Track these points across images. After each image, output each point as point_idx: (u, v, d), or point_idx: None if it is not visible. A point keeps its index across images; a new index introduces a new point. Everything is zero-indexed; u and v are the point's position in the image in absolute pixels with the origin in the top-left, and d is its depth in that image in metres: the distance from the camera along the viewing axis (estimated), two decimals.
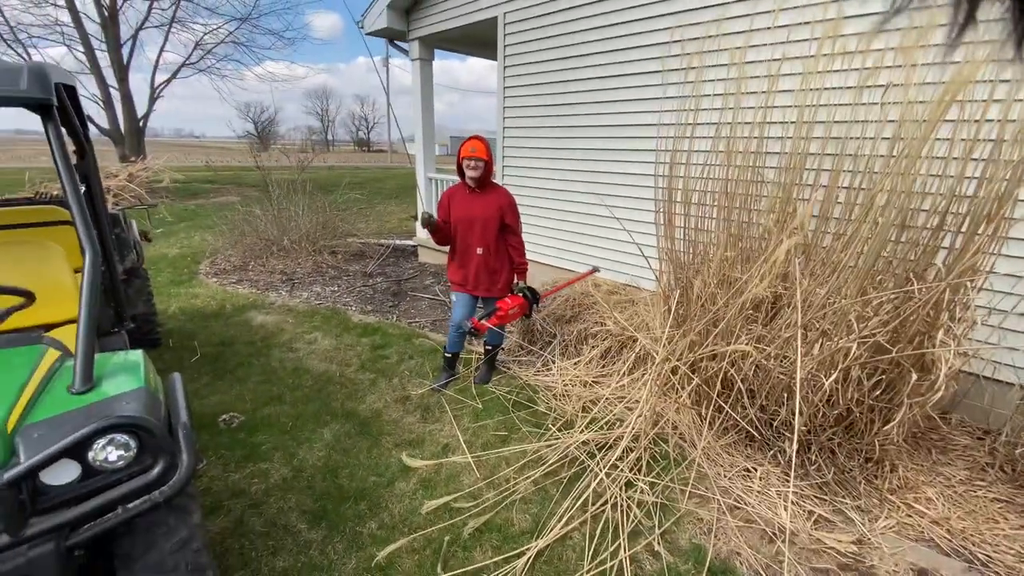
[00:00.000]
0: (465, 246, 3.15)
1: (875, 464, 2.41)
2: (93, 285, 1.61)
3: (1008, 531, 2.18)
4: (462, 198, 3.13)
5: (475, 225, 3.10)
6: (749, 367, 2.37)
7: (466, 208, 3.10)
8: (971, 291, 2.13)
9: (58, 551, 1.25)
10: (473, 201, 3.11)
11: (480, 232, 3.11)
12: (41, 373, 1.54)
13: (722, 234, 2.63)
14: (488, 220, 3.10)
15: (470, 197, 3.12)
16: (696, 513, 2.22)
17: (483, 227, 3.10)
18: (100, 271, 1.67)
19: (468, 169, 3.03)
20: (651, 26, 4.04)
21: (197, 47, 15.65)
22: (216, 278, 6.13)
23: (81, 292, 1.59)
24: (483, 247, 3.13)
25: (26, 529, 1.20)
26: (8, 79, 1.67)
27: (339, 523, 2.18)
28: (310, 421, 2.97)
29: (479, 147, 3.00)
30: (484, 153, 3.01)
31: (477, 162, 3.01)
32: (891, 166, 1.98)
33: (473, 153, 2.99)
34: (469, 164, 3.02)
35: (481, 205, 3.11)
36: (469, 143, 3.04)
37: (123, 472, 1.38)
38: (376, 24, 6.71)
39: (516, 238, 3.24)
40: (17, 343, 1.71)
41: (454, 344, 3.34)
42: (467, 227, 3.10)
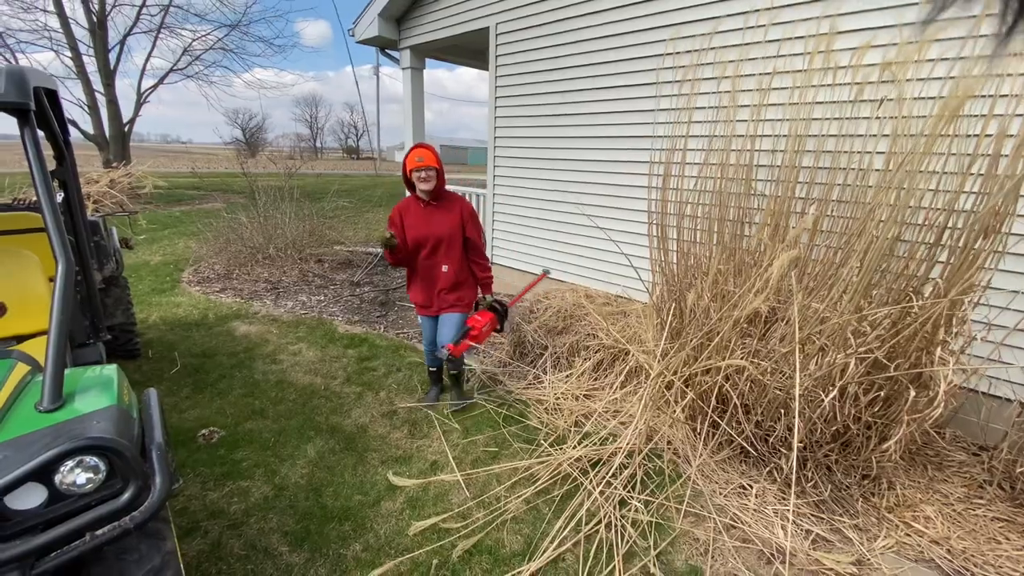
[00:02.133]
0: (429, 265, 2.86)
1: (872, 481, 2.38)
2: (65, 297, 1.52)
3: (1011, 552, 2.14)
4: (417, 214, 2.80)
5: (439, 243, 2.81)
6: (744, 382, 2.33)
7: (424, 225, 2.79)
8: (969, 307, 2.12)
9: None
10: (431, 216, 2.80)
11: (445, 249, 2.84)
12: (8, 389, 1.45)
13: (715, 247, 2.60)
14: (452, 236, 2.82)
15: (426, 212, 2.80)
16: (692, 533, 2.16)
17: (448, 244, 2.83)
18: (73, 282, 1.58)
19: (419, 182, 2.71)
20: (644, 38, 4.05)
21: (185, 53, 15.51)
22: (199, 286, 5.99)
23: (52, 304, 1.50)
24: (448, 264, 2.86)
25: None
26: None
27: (322, 545, 2.08)
28: (293, 436, 2.87)
29: (427, 155, 2.68)
30: (434, 161, 2.70)
31: (428, 172, 2.68)
32: (887, 180, 1.97)
33: (421, 163, 2.66)
34: (419, 176, 2.69)
35: (441, 220, 2.81)
36: (415, 152, 2.70)
37: (92, 496, 1.29)
38: (367, 33, 6.68)
39: (479, 252, 2.98)
40: None
41: (433, 360, 3.18)
42: (429, 245, 2.81)
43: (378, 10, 6.35)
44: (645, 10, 4.01)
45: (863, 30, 2.82)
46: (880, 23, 2.78)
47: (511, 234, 5.72)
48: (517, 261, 5.69)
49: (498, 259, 5.94)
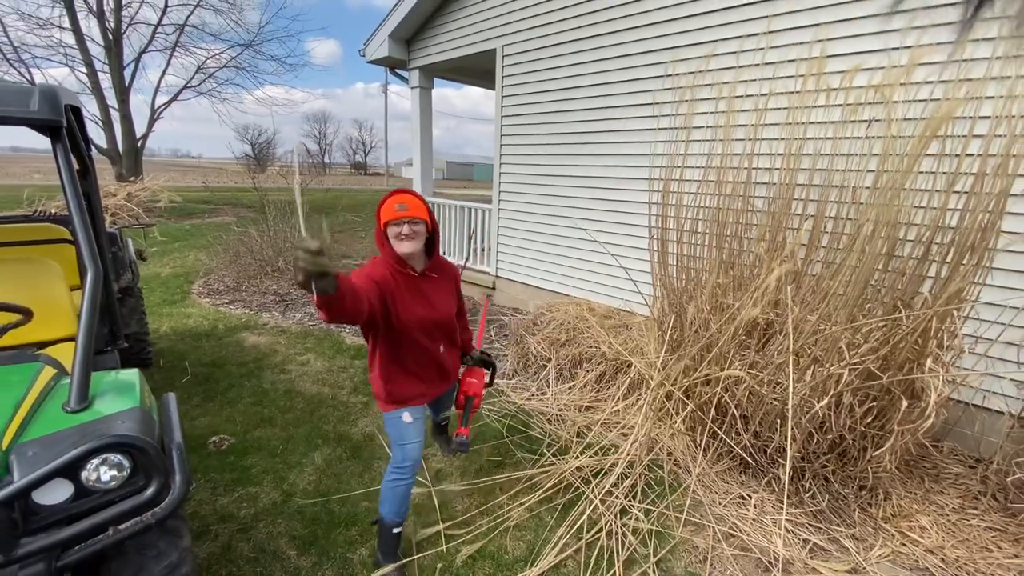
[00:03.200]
0: (423, 350, 1.93)
1: (869, 492, 2.41)
2: (93, 304, 1.62)
3: (1002, 560, 2.18)
4: (409, 290, 1.86)
5: (440, 328, 1.98)
6: (743, 393, 2.39)
7: (423, 305, 1.89)
8: (958, 320, 2.18)
9: (49, 572, 1.23)
10: (428, 292, 1.92)
11: (446, 330, 2.03)
12: (37, 391, 1.53)
13: (714, 261, 2.68)
14: (451, 314, 2.04)
15: (420, 286, 1.90)
16: (691, 541, 2.20)
17: (448, 322, 2.03)
18: (101, 289, 1.68)
19: (398, 241, 1.79)
20: (643, 60, 4.19)
21: (199, 71, 15.92)
22: (209, 298, 6.10)
23: (81, 310, 1.60)
24: (445, 343, 2.05)
25: (17, 549, 1.18)
26: (19, 100, 1.71)
27: (329, 549, 2.14)
28: (301, 444, 2.93)
29: (413, 202, 1.80)
30: (423, 210, 1.83)
31: (414, 226, 1.79)
32: (875, 197, 2.05)
33: (404, 212, 1.76)
34: (401, 232, 1.77)
35: (440, 296, 1.98)
36: (395, 198, 1.79)
37: (116, 493, 1.37)
38: (377, 53, 6.89)
39: (465, 318, 2.25)
40: (13, 360, 1.70)
41: (402, 503, 1.96)
42: (423, 333, 1.91)
43: (388, 31, 6.56)
44: (644, 34, 4.16)
45: (853, 54, 2.93)
46: (869, 47, 2.89)
47: (516, 248, 5.82)
48: (522, 275, 5.78)
49: (503, 273, 6.04)
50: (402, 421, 1.91)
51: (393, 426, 1.93)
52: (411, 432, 1.91)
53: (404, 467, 1.92)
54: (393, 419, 1.93)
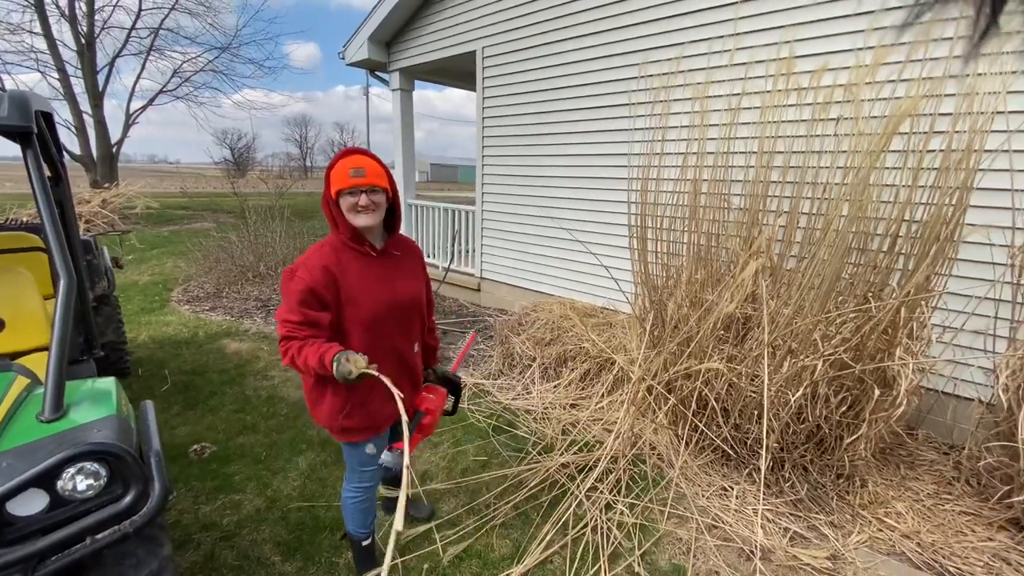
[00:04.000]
0: (391, 350, 1.64)
1: (846, 480, 2.47)
2: (66, 312, 1.59)
3: (976, 543, 2.24)
4: (368, 272, 1.57)
5: (409, 309, 1.69)
6: (722, 386, 2.43)
7: (386, 289, 1.60)
8: (927, 310, 2.25)
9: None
10: (391, 272, 1.63)
11: (419, 319, 1.76)
12: (9, 401, 1.50)
13: (692, 257, 2.73)
14: (419, 298, 1.74)
15: (381, 265, 1.61)
16: (675, 533, 2.24)
17: (418, 308, 1.74)
18: (75, 297, 1.65)
19: (354, 213, 1.51)
20: (619, 62, 4.25)
21: (175, 75, 15.65)
22: (189, 305, 6.00)
23: (54, 319, 1.57)
24: (417, 340, 1.77)
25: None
26: None
27: (315, 554, 2.12)
28: (285, 450, 2.91)
29: (370, 166, 1.50)
30: (383, 176, 1.54)
31: (373, 195, 1.51)
32: (843, 193, 2.11)
33: (361, 179, 1.47)
34: (357, 202, 1.49)
35: (405, 276, 1.69)
36: (348, 160, 1.50)
37: (92, 502, 1.35)
38: (357, 55, 6.86)
39: (433, 317, 1.95)
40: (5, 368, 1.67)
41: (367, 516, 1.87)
42: (392, 317, 1.62)
43: (368, 34, 6.54)
44: (618, 36, 4.23)
45: (821, 54, 3.01)
46: (836, 48, 2.97)
47: (500, 249, 5.84)
48: (507, 276, 5.80)
49: (488, 275, 6.04)
50: (364, 453, 1.71)
51: (353, 456, 1.74)
52: (373, 460, 1.72)
53: (362, 487, 1.80)
54: (354, 449, 1.71)
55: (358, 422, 1.63)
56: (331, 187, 1.51)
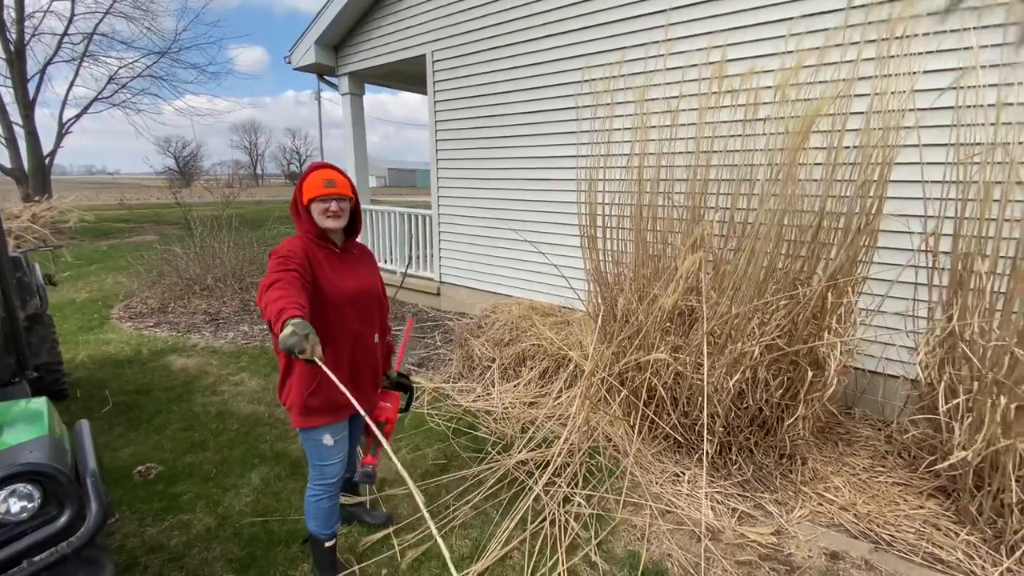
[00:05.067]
0: (356, 338, 1.80)
1: (789, 459, 2.61)
2: None
3: (908, 511, 2.41)
4: (333, 264, 1.77)
5: (369, 302, 1.86)
6: (669, 375, 2.53)
7: (352, 278, 1.80)
8: (853, 295, 2.41)
9: None
10: (353, 266, 1.85)
11: (379, 311, 1.92)
12: None
13: (638, 254, 2.82)
14: (377, 290, 1.91)
15: (344, 260, 1.82)
16: (631, 520, 2.30)
17: (380, 303, 1.92)
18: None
19: (325, 217, 1.71)
20: (564, 66, 4.37)
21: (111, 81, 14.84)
22: (131, 322, 5.71)
23: None
24: (380, 332, 1.92)
25: None
26: None
27: (269, 569, 2.07)
28: (236, 466, 2.81)
29: (339, 179, 1.74)
30: (348, 188, 1.76)
31: (341, 203, 1.73)
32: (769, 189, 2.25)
33: (332, 189, 1.70)
34: (328, 208, 1.71)
35: (365, 270, 1.90)
36: (321, 173, 1.72)
37: (27, 524, 1.29)
38: (304, 60, 6.72)
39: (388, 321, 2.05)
40: None
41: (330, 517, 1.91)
42: (353, 307, 1.78)
43: (315, 38, 6.42)
44: (564, 40, 4.35)
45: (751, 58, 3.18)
46: (765, 52, 3.14)
47: (458, 252, 5.84)
48: (466, 279, 5.80)
49: (447, 278, 6.03)
50: (322, 444, 1.78)
51: (312, 447, 1.81)
52: (332, 453, 1.81)
53: (324, 484, 1.85)
54: (312, 439, 1.78)
55: (320, 401, 1.73)
56: (304, 194, 1.73)
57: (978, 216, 2.17)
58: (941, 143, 2.46)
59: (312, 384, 1.69)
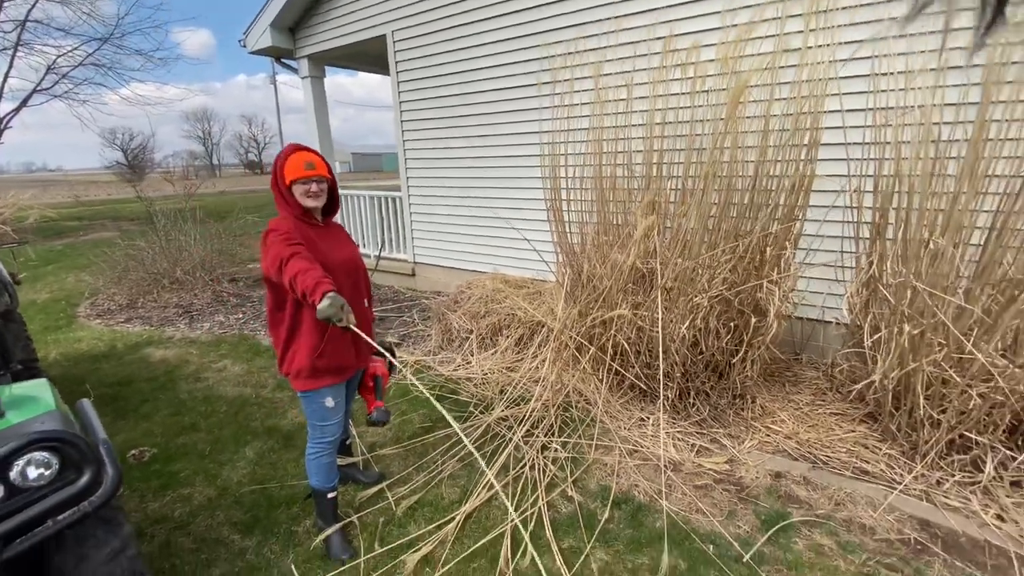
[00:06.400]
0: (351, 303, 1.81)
1: (740, 399, 2.91)
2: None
3: (842, 435, 2.74)
4: (319, 237, 1.93)
5: (357, 271, 2.06)
6: (632, 330, 2.77)
7: (337, 249, 1.98)
8: (790, 248, 2.69)
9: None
10: (336, 238, 2.04)
11: (364, 279, 2.11)
12: None
13: (601, 222, 3.03)
14: (360, 261, 2.10)
15: (327, 233, 2.00)
16: (601, 460, 2.56)
17: (364, 272, 2.12)
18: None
19: (306, 198, 1.87)
20: (523, 44, 4.48)
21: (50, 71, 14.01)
22: (100, 319, 5.65)
23: None
24: (367, 298, 2.13)
25: None
26: None
27: (273, 527, 2.24)
28: (230, 443, 2.94)
29: (318, 161, 1.90)
30: (326, 169, 1.92)
31: (320, 184, 1.89)
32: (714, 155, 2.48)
33: (312, 171, 1.86)
34: (307, 189, 1.86)
35: (347, 242, 2.09)
36: (299, 156, 1.88)
37: (47, 489, 1.41)
38: (260, 43, 6.59)
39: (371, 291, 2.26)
40: None
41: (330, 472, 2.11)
42: (345, 276, 1.96)
43: (269, 20, 6.30)
44: (521, 18, 4.45)
45: (697, 32, 3.39)
46: (711, 26, 3.35)
47: (430, 232, 5.95)
48: (439, 258, 5.93)
49: (421, 259, 6.15)
50: (324, 405, 1.96)
51: (314, 410, 1.99)
52: (332, 414, 2.00)
53: (324, 442, 2.03)
54: (314, 401, 1.96)
55: (327, 363, 1.92)
56: (285, 176, 1.87)
57: (893, 173, 2.46)
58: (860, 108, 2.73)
59: (319, 346, 1.88)
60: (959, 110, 2.29)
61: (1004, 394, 2.02)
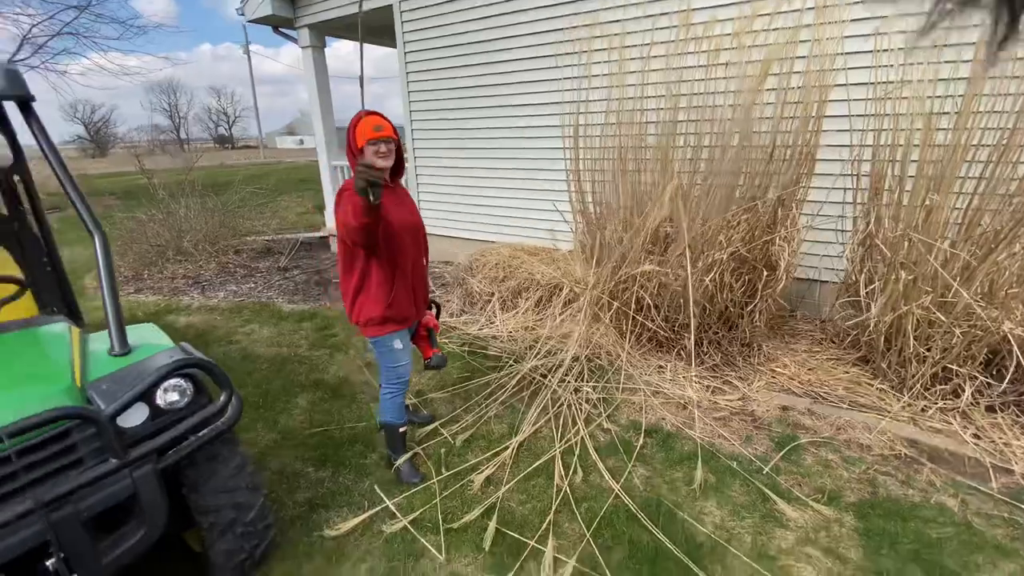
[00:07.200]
0: (412, 261, 2.18)
1: (748, 347, 3.24)
2: (109, 262, 1.77)
3: (838, 376, 3.08)
4: (390, 199, 2.05)
5: (418, 232, 2.23)
6: (654, 286, 3.04)
7: (403, 211, 2.15)
8: (796, 210, 2.98)
9: (154, 472, 1.48)
10: (400, 201, 2.19)
11: (424, 239, 2.30)
12: (76, 343, 1.69)
13: (624, 189, 3.27)
14: (421, 224, 2.30)
15: (393, 195, 2.13)
16: (629, 400, 2.86)
17: (424, 232, 2.31)
18: (110, 252, 1.81)
19: (378, 157, 2.01)
20: (546, 14, 4.58)
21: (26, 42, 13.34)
22: None
23: (99, 269, 1.75)
24: (424, 257, 2.31)
25: (129, 454, 1.43)
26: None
27: (343, 461, 2.48)
28: (280, 395, 3.15)
29: (385, 124, 2.03)
30: (392, 131, 2.06)
31: (388, 145, 2.03)
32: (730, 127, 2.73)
33: (381, 132, 2.00)
34: (377, 149, 2.01)
35: (411, 204, 2.29)
36: (370, 119, 2.02)
37: (184, 412, 1.62)
38: (259, 11, 6.52)
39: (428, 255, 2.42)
40: (45, 322, 1.81)
41: (401, 409, 2.36)
42: (409, 236, 2.15)
43: None
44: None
45: (713, 7, 3.59)
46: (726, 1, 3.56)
47: (439, 203, 6.10)
48: (447, 228, 6.10)
49: (429, 229, 6.27)
50: (394, 348, 2.20)
51: (385, 353, 2.22)
52: (402, 355, 2.24)
53: (398, 383, 2.29)
54: (385, 346, 2.20)
55: (395, 312, 2.15)
56: (357, 138, 2.02)
57: (890, 143, 2.75)
58: (864, 82, 3.00)
59: (388, 299, 2.12)
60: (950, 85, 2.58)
61: (982, 330, 2.36)
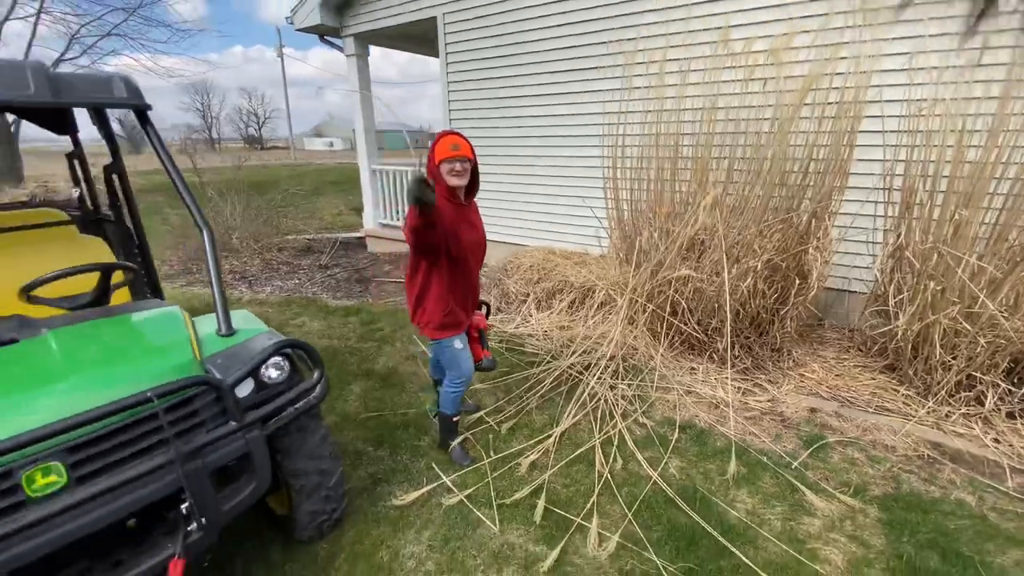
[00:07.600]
0: (468, 276, 2.36)
1: (777, 352, 3.37)
2: (215, 255, 2.03)
3: (864, 382, 3.20)
4: (456, 214, 2.22)
5: (481, 248, 2.41)
6: (689, 291, 3.21)
7: (471, 231, 2.30)
8: (829, 222, 3.12)
9: (261, 436, 1.72)
10: (472, 218, 2.35)
11: (484, 253, 2.46)
12: (189, 324, 1.94)
13: (660, 199, 3.44)
14: (485, 243, 2.45)
15: (466, 213, 2.30)
16: (664, 398, 3.03)
17: (485, 251, 2.47)
18: (217, 245, 2.07)
19: (452, 176, 2.16)
20: (585, 28, 4.77)
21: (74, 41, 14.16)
22: (165, 282, 6.07)
23: (207, 261, 2.01)
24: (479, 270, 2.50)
25: (245, 418, 1.67)
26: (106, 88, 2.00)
27: (399, 443, 2.71)
28: (335, 383, 3.39)
29: (463, 144, 2.18)
30: (470, 151, 2.20)
31: (463, 164, 2.17)
32: (770, 140, 2.88)
33: (457, 152, 2.14)
34: (452, 168, 2.15)
35: (479, 221, 2.42)
36: (447, 139, 2.17)
37: (283, 386, 1.86)
38: (308, 21, 6.86)
39: None
40: (153, 306, 2.07)
41: (457, 402, 2.56)
42: (474, 253, 2.34)
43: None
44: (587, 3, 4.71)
45: (750, 24, 3.74)
46: (768, 19, 3.71)
47: None
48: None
49: None
50: (455, 347, 2.37)
51: (447, 353, 2.38)
52: (463, 354, 2.40)
53: (461, 380, 2.46)
54: (446, 347, 2.37)
55: (452, 319, 2.34)
56: (435, 156, 2.17)
57: (922, 159, 2.87)
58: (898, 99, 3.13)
59: (447, 307, 2.30)
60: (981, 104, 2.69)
61: (1006, 339, 2.47)
